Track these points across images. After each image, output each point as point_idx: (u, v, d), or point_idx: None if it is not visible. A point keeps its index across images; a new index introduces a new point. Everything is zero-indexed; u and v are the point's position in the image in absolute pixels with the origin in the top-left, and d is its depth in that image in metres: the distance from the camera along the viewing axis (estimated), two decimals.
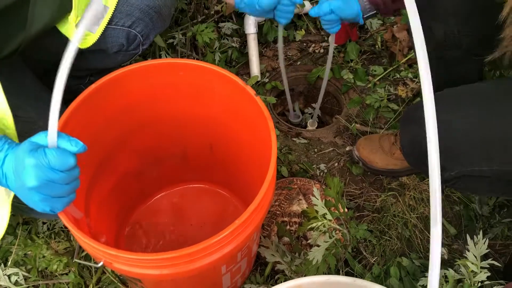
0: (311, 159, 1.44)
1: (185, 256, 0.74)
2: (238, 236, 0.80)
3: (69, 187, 0.74)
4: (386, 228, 1.25)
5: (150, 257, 0.73)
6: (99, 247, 0.73)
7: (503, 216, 1.27)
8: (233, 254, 0.83)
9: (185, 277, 0.85)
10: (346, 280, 0.72)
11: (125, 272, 0.80)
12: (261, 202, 0.80)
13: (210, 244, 0.74)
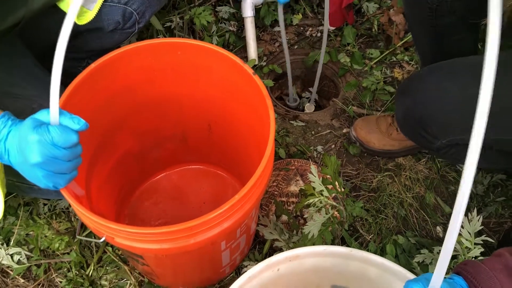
0: (309, 141, 1.45)
1: (185, 230, 0.76)
2: (237, 211, 0.81)
3: (71, 164, 0.75)
4: (382, 207, 1.27)
5: (151, 230, 0.74)
6: (101, 221, 0.75)
7: (497, 195, 1.29)
8: (232, 230, 0.85)
9: (185, 252, 0.87)
10: (343, 250, 0.73)
11: (126, 247, 0.81)
12: (260, 178, 0.81)
13: (209, 219, 0.75)
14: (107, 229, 0.78)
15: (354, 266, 0.75)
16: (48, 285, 1.15)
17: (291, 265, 0.75)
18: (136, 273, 1.15)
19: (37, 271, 1.16)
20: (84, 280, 1.13)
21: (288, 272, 0.75)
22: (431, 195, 1.30)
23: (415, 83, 1.06)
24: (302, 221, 1.22)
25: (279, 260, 0.73)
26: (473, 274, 0.62)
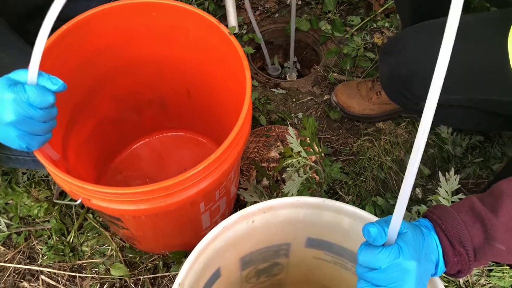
0: (289, 109, 1.45)
1: (161, 190, 0.75)
2: (214, 171, 0.81)
3: (46, 126, 0.74)
4: (362, 170, 1.28)
5: (126, 190, 0.74)
6: (76, 182, 0.74)
7: (475, 156, 1.30)
8: (210, 190, 0.85)
9: (163, 213, 0.87)
10: (316, 200, 0.74)
11: (103, 209, 0.81)
12: (236, 137, 0.81)
13: (185, 178, 0.75)
14: (82, 191, 0.77)
15: (327, 216, 0.75)
16: (29, 253, 1.15)
17: (265, 216, 0.75)
18: (117, 239, 1.16)
19: (18, 238, 1.16)
20: (65, 246, 1.13)
21: (263, 224, 0.76)
22: None
23: (400, 43, 1.06)
24: (282, 185, 1.23)
25: (253, 211, 0.73)
26: (439, 215, 0.63)
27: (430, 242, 0.60)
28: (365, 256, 0.56)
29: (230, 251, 0.77)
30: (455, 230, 0.60)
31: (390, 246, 0.55)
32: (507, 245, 0.59)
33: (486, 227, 0.60)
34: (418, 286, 0.56)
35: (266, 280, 0.92)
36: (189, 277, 0.68)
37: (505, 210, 0.60)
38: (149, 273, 1.11)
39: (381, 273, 0.55)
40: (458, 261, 0.61)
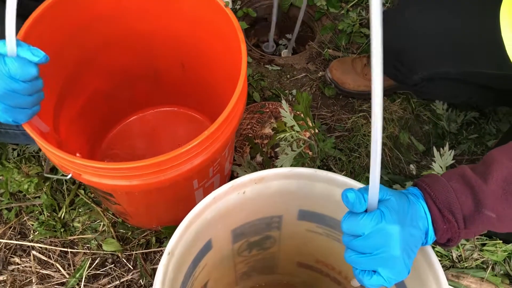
0: (284, 85, 1.44)
1: (154, 166, 0.74)
2: (207, 148, 0.80)
3: (32, 99, 0.72)
4: (356, 146, 1.27)
5: (119, 165, 0.73)
6: (66, 156, 0.73)
7: (470, 132, 1.29)
8: (203, 167, 0.84)
9: (156, 189, 0.86)
10: (308, 171, 0.73)
11: (94, 184, 0.80)
12: (231, 113, 0.80)
13: (178, 154, 0.74)
14: (72, 165, 0.76)
15: (320, 188, 0.74)
16: (20, 228, 1.14)
17: (257, 188, 0.74)
18: (109, 214, 1.15)
19: (8, 214, 1.15)
20: (57, 222, 1.12)
21: (254, 195, 0.75)
22: (405, 134, 1.30)
23: (393, 16, 1.05)
24: (276, 161, 1.22)
25: (244, 182, 0.72)
26: (428, 183, 0.62)
27: (417, 209, 0.59)
28: (348, 223, 0.55)
29: (221, 223, 0.76)
30: (444, 197, 0.59)
31: (372, 212, 0.54)
32: (497, 213, 0.58)
33: (476, 194, 0.59)
34: (403, 251, 0.55)
35: (258, 253, 0.92)
36: (180, 246, 0.67)
37: (495, 177, 0.59)
38: (142, 248, 1.10)
39: (365, 239, 0.54)
40: (447, 229, 0.60)
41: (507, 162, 0.60)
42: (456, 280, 1.04)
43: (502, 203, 0.58)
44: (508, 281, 1.06)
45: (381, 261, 0.55)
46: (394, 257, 0.54)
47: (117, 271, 1.07)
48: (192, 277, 0.76)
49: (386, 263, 0.55)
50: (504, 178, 0.59)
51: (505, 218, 0.59)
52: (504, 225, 0.60)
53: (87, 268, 1.06)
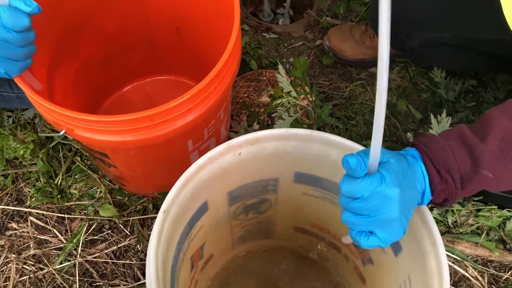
0: (281, 53, 1.42)
1: (146, 119, 0.74)
2: (201, 103, 0.79)
3: (24, 51, 0.72)
4: (353, 114, 1.27)
5: (111, 118, 0.72)
6: (58, 109, 0.73)
7: (468, 101, 1.29)
8: (197, 125, 0.83)
9: (150, 147, 0.86)
10: (304, 132, 0.72)
11: (87, 141, 0.79)
12: (225, 66, 0.79)
13: (171, 107, 0.74)
14: (65, 119, 0.75)
15: (315, 149, 0.74)
16: (16, 195, 1.14)
17: (252, 149, 0.74)
18: (106, 181, 1.15)
19: (5, 181, 1.14)
20: (53, 189, 1.12)
21: (250, 157, 0.75)
22: (403, 103, 1.30)
23: None
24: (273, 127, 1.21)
25: (240, 142, 0.72)
26: (426, 143, 0.61)
27: (416, 171, 0.59)
28: (348, 185, 0.55)
29: (217, 184, 0.76)
30: (442, 158, 0.59)
31: (372, 175, 0.54)
32: (494, 172, 0.58)
33: (474, 154, 0.58)
34: (401, 213, 0.55)
35: (254, 217, 0.92)
36: (175, 205, 0.67)
37: (493, 137, 0.58)
38: (139, 215, 1.10)
39: (364, 201, 0.54)
40: (444, 189, 0.60)
41: (505, 121, 0.59)
42: (451, 245, 1.05)
43: (500, 162, 0.58)
44: (503, 246, 1.07)
45: (378, 223, 0.55)
46: (392, 219, 0.54)
47: (114, 236, 1.08)
48: (188, 238, 0.77)
49: (384, 224, 0.55)
50: (502, 137, 0.58)
51: (502, 178, 0.59)
52: (501, 184, 0.60)
53: (84, 234, 1.07)
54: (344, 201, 0.57)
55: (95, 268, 1.04)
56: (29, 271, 1.03)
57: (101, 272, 1.04)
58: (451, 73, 1.31)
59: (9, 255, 1.04)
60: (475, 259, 1.06)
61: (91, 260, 1.05)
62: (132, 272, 1.04)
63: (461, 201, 1.07)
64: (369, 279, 0.87)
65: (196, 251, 0.84)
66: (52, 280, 1.02)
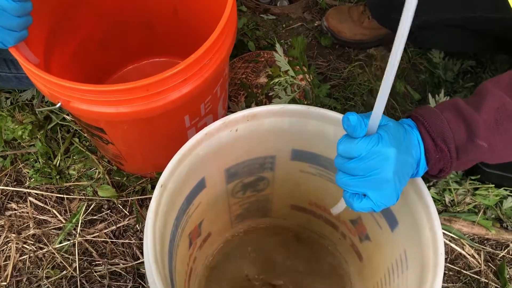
0: (279, 35, 1.42)
1: (141, 89, 0.74)
2: (196, 75, 0.79)
3: (21, 21, 0.73)
4: (351, 95, 1.27)
5: (106, 88, 0.73)
6: (53, 79, 0.73)
7: (467, 81, 1.28)
8: (193, 99, 0.83)
9: (145, 121, 0.85)
10: (301, 108, 0.73)
11: (83, 113, 0.79)
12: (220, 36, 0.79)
13: (166, 77, 0.74)
14: (60, 90, 0.75)
15: (312, 125, 0.74)
16: (16, 176, 1.14)
17: (249, 125, 0.74)
18: (104, 162, 1.15)
19: (4, 162, 1.15)
20: (52, 169, 1.13)
21: (247, 133, 0.75)
22: (401, 83, 1.30)
23: None
24: None
25: (236, 118, 0.72)
26: (422, 114, 0.61)
27: (411, 138, 0.59)
28: (345, 145, 0.55)
29: (214, 161, 0.76)
30: (438, 127, 0.59)
31: (371, 135, 0.54)
32: (488, 142, 0.58)
33: (469, 124, 0.59)
34: (395, 176, 0.55)
35: (252, 195, 0.93)
36: (172, 180, 0.68)
37: (488, 107, 0.59)
38: (137, 195, 1.11)
39: (359, 161, 0.54)
40: (440, 159, 0.60)
41: (500, 93, 0.59)
42: (448, 223, 1.06)
43: (494, 132, 0.58)
44: (499, 224, 1.07)
45: (372, 184, 0.55)
46: (386, 180, 0.55)
47: (113, 216, 1.09)
48: (186, 215, 0.77)
49: (377, 185, 0.55)
50: (497, 108, 0.59)
51: (497, 148, 0.59)
52: (495, 155, 0.61)
53: (83, 214, 1.07)
54: (339, 162, 0.58)
55: (94, 247, 1.05)
56: (29, 250, 1.04)
57: (100, 251, 1.05)
58: (450, 54, 1.31)
59: (9, 234, 1.05)
60: (472, 237, 1.07)
61: (91, 240, 1.05)
62: (131, 251, 1.05)
63: (459, 180, 1.08)
64: (366, 256, 0.88)
65: (194, 228, 0.84)
66: (52, 259, 1.03)
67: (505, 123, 0.57)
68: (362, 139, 0.54)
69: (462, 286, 1.01)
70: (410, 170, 0.59)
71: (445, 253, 1.05)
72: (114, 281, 1.00)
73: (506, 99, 0.58)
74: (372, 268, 0.85)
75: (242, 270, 0.99)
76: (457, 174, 1.08)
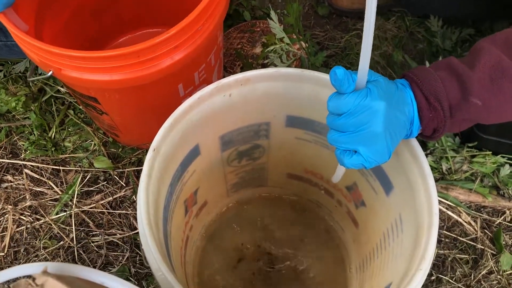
0: (275, 5, 1.40)
1: (133, 55, 0.73)
2: (189, 41, 0.78)
3: None
4: (348, 65, 1.25)
5: (96, 54, 0.72)
6: (44, 46, 0.72)
7: (465, 50, 1.27)
8: (186, 66, 0.82)
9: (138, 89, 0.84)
10: (295, 71, 0.72)
11: (75, 81, 0.78)
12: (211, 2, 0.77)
13: (158, 42, 0.74)
14: (51, 57, 0.74)
15: (307, 89, 0.73)
16: (11, 148, 1.14)
17: (243, 90, 0.73)
18: (100, 134, 1.14)
19: None
20: (47, 142, 1.12)
21: (241, 99, 0.74)
22: (399, 53, 1.28)
23: None
24: None
25: (229, 82, 0.71)
26: (415, 73, 0.60)
27: (404, 96, 0.58)
28: (334, 101, 0.55)
29: (208, 127, 0.75)
30: (431, 85, 0.58)
31: (359, 90, 0.53)
32: (483, 100, 0.58)
33: (463, 81, 0.58)
34: (386, 131, 0.55)
35: (248, 164, 0.92)
36: (165, 145, 0.67)
37: (483, 64, 0.57)
38: (134, 166, 1.11)
39: (349, 116, 0.54)
40: (433, 117, 0.59)
41: (496, 50, 0.58)
42: (444, 191, 1.06)
43: (489, 90, 0.57)
44: (496, 192, 1.07)
45: (362, 138, 0.54)
46: (376, 134, 0.54)
47: (110, 188, 1.08)
48: (181, 182, 0.77)
49: (368, 140, 0.54)
50: (492, 65, 0.57)
51: (491, 107, 0.58)
52: (491, 114, 0.60)
53: (79, 185, 1.07)
54: (330, 119, 0.57)
55: (91, 218, 1.05)
56: (26, 221, 1.04)
57: (97, 222, 1.05)
58: (448, 22, 1.29)
59: (6, 206, 1.05)
60: (469, 205, 1.07)
61: (87, 211, 1.05)
62: (128, 222, 1.05)
63: (456, 148, 1.07)
64: (361, 222, 0.88)
65: (189, 195, 0.84)
66: (49, 230, 1.03)
67: (500, 81, 0.56)
68: (350, 94, 0.53)
69: (458, 253, 1.02)
70: (402, 128, 0.58)
71: (442, 220, 1.05)
72: (111, 251, 1.01)
73: (502, 57, 0.57)
74: (368, 234, 0.86)
75: (239, 239, 0.99)
76: (454, 142, 1.08)
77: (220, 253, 0.98)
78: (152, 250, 0.57)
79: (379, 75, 0.57)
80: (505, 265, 1.00)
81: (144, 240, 0.60)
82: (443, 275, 0.99)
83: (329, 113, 0.57)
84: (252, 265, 0.96)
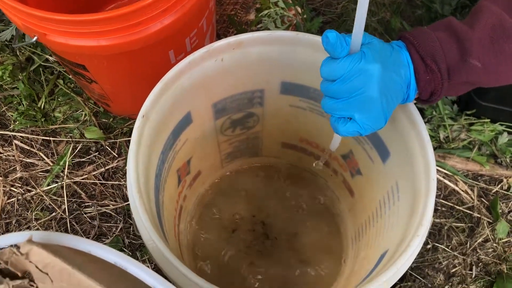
0: None
1: (120, 18, 0.70)
2: (178, 4, 0.75)
3: None
4: (345, 32, 1.22)
5: (82, 17, 0.69)
6: (27, 9, 0.69)
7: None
8: (177, 32, 0.79)
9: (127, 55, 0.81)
10: (289, 34, 0.69)
11: (61, 47, 0.76)
12: None
13: (145, 5, 0.70)
14: (34, 21, 0.71)
15: (302, 54, 0.71)
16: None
17: (235, 55, 0.70)
18: (90, 104, 1.12)
19: None
20: (37, 112, 1.10)
21: (233, 64, 0.71)
22: (397, 19, 1.25)
23: None
24: None
25: (221, 46, 0.68)
26: (413, 34, 0.57)
27: (400, 57, 0.56)
28: (327, 66, 0.52)
29: (199, 94, 0.73)
30: (428, 46, 0.55)
31: (353, 54, 0.51)
32: (482, 61, 0.55)
33: (462, 42, 0.55)
34: (382, 95, 0.52)
35: (242, 133, 0.90)
36: (155, 112, 0.65)
37: (483, 24, 0.55)
38: (126, 137, 1.08)
39: (342, 81, 0.51)
40: (430, 80, 0.57)
41: (497, 9, 0.55)
42: (442, 160, 1.05)
43: (489, 51, 0.55)
44: (494, 160, 1.06)
45: (357, 104, 0.52)
46: (371, 99, 0.52)
47: (102, 158, 1.06)
48: (173, 150, 0.75)
49: (362, 106, 0.52)
50: (492, 25, 0.55)
51: (491, 69, 0.56)
52: (490, 77, 0.57)
53: (70, 156, 1.05)
54: (324, 86, 0.55)
55: (83, 189, 1.03)
56: (17, 193, 1.02)
57: (89, 193, 1.03)
58: None
59: None
60: (466, 173, 1.06)
61: (79, 182, 1.04)
62: (121, 193, 1.03)
63: (454, 116, 1.06)
64: (357, 191, 0.86)
65: (182, 165, 0.82)
66: (41, 201, 1.02)
67: (501, 41, 0.54)
68: (344, 58, 0.51)
69: (454, 221, 1.01)
70: (399, 91, 0.56)
71: (439, 189, 1.04)
72: (104, 222, 1.00)
73: (504, 16, 0.54)
74: (363, 203, 0.84)
75: (234, 209, 0.98)
76: (452, 109, 1.06)
77: (214, 223, 0.97)
78: (142, 218, 0.56)
79: (373, 36, 0.54)
80: (501, 233, 0.99)
81: (134, 208, 0.58)
82: (439, 244, 0.99)
83: (322, 79, 0.55)
84: (247, 235, 0.95)
